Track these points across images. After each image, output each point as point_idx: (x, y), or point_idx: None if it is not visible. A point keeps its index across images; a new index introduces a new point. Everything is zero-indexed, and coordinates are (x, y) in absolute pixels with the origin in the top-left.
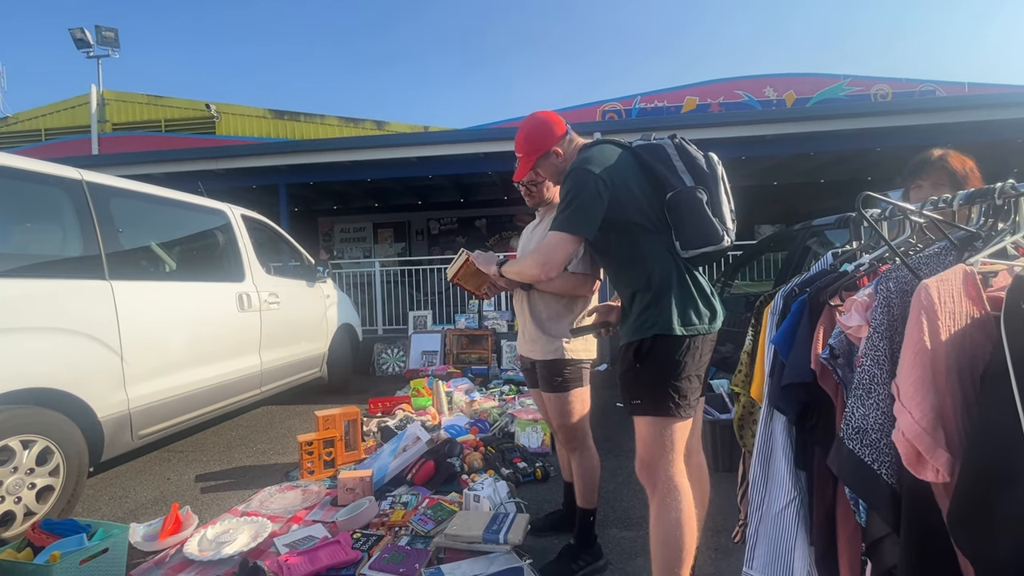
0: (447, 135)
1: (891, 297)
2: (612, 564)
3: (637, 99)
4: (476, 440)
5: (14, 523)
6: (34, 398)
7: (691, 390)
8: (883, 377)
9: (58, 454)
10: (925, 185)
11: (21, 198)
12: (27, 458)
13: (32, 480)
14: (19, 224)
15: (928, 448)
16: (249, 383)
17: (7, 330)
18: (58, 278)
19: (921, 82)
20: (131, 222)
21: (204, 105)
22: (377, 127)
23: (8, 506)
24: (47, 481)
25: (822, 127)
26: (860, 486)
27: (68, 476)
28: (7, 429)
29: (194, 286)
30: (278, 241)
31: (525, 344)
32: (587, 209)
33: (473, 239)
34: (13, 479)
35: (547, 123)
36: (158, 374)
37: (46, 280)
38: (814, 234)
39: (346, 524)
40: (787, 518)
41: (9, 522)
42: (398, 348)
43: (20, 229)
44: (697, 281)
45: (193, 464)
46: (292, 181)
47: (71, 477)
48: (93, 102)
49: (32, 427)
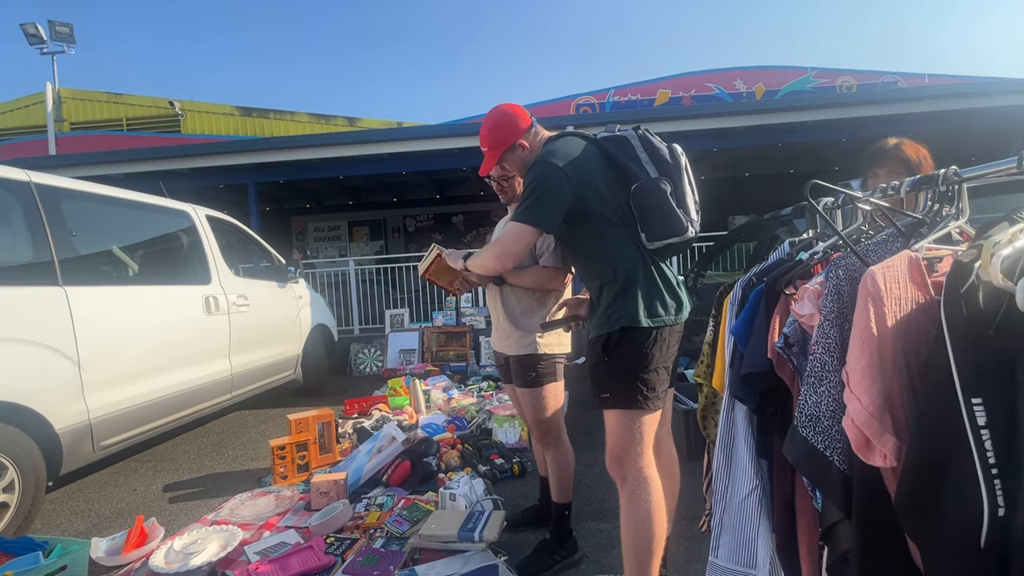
0: (420, 131)
1: (840, 284)
2: (588, 557)
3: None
4: (453, 438)
5: None
6: None
7: (659, 382)
8: (834, 364)
9: (12, 469)
10: (881, 173)
11: None
12: None
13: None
14: None
15: (876, 434)
16: (219, 388)
17: None
18: (6, 285)
19: (883, 73)
20: (85, 225)
21: (168, 102)
22: (349, 123)
23: None
24: (1, 498)
25: (790, 118)
26: (814, 473)
27: (24, 492)
28: None
29: (156, 290)
30: (247, 242)
31: (499, 339)
32: (547, 201)
33: (450, 235)
34: None
35: (511, 116)
36: (120, 382)
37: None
38: (783, 223)
39: (319, 529)
40: (750, 506)
41: None
42: (375, 347)
43: None
44: (663, 272)
45: (161, 473)
46: (262, 180)
47: (27, 493)
48: (49, 100)
49: None
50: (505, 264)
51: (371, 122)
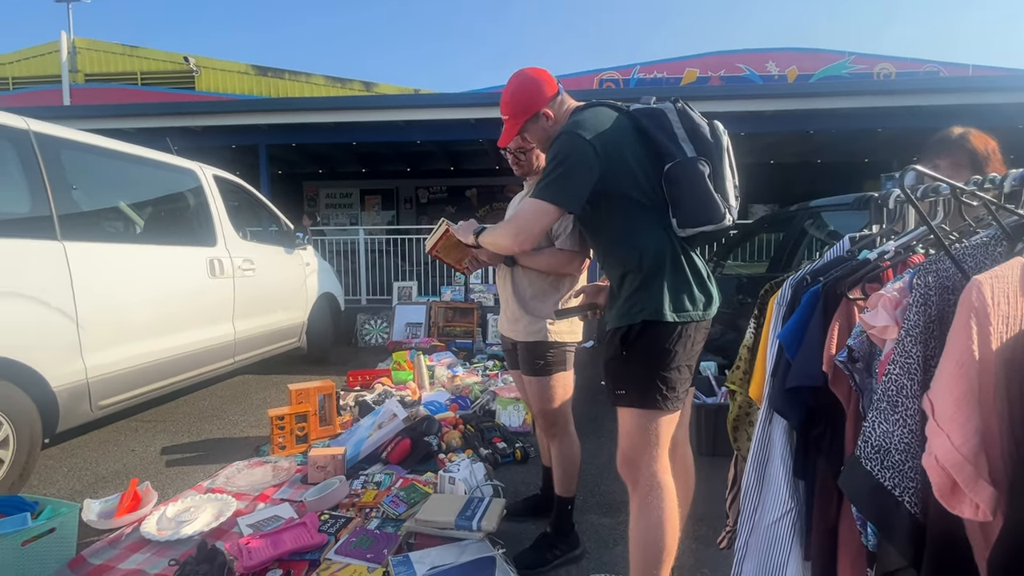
0: (436, 98)
1: (929, 294)
2: (589, 553)
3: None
4: (455, 418)
5: None
6: None
7: (680, 381)
8: (913, 389)
9: (7, 425)
10: (943, 165)
11: None
12: None
13: None
14: None
15: (968, 480)
16: (221, 352)
17: None
18: (2, 237)
19: (925, 62)
20: (87, 178)
21: (183, 58)
22: (365, 88)
23: None
24: None
25: (824, 104)
26: (876, 513)
27: (19, 448)
28: None
29: (159, 250)
30: (255, 205)
31: (507, 323)
32: (572, 178)
33: (463, 209)
34: None
35: (536, 81)
36: (119, 342)
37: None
38: (811, 216)
39: (314, 505)
40: (781, 531)
41: None
42: (382, 319)
43: None
44: (693, 263)
45: (160, 435)
46: (273, 142)
47: (22, 449)
48: (63, 50)
49: None
50: (523, 244)
51: (388, 88)
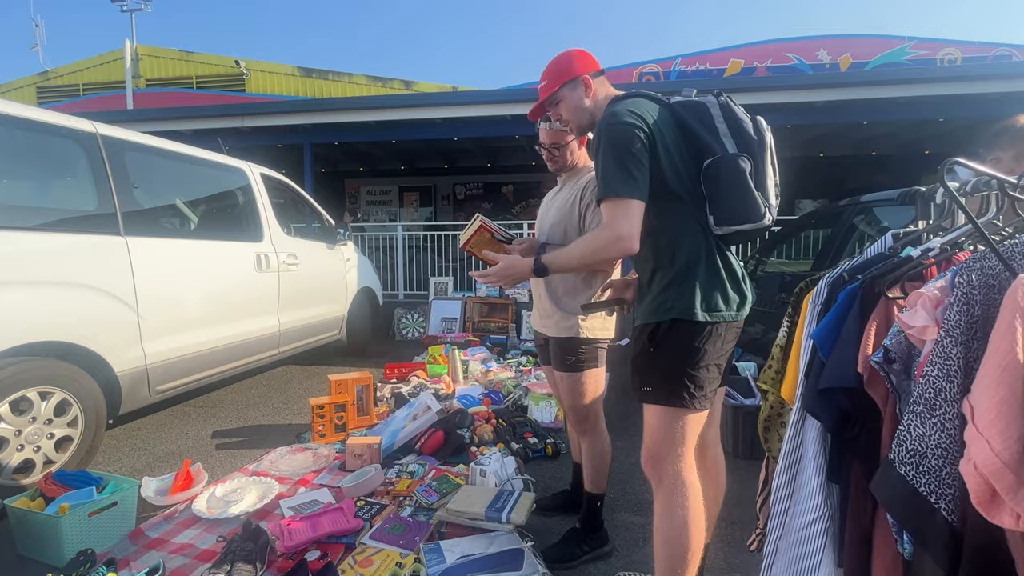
0: (473, 95)
1: (972, 293)
2: (618, 551)
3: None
4: (488, 412)
5: (34, 471)
6: (50, 351)
7: (708, 380)
8: (953, 392)
9: (76, 406)
10: (1005, 157)
11: (36, 150)
12: (44, 409)
13: (51, 430)
14: (34, 177)
15: (1008, 488)
16: (267, 343)
17: (21, 283)
18: (72, 232)
19: (995, 45)
20: (146, 178)
21: (234, 62)
22: (405, 87)
23: (27, 454)
24: (66, 432)
25: (879, 93)
26: (910, 519)
27: (86, 427)
28: (24, 380)
29: (211, 244)
30: (299, 202)
31: (539, 319)
32: (638, 165)
33: (499, 205)
34: (31, 428)
35: (581, 52)
36: (175, 331)
37: (60, 234)
38: (862, 211)
39: (351, 491)
40: (813, 535)
41: (29, 470)
42: (418, 314)
43: (35, 182)
44: (728, 262)
45: (211, 420)
46: (317, 141)
47: (89, 428)
48: (127, 57)
49: (48, 379)
50: (632, 246)
51: (427, 86)
